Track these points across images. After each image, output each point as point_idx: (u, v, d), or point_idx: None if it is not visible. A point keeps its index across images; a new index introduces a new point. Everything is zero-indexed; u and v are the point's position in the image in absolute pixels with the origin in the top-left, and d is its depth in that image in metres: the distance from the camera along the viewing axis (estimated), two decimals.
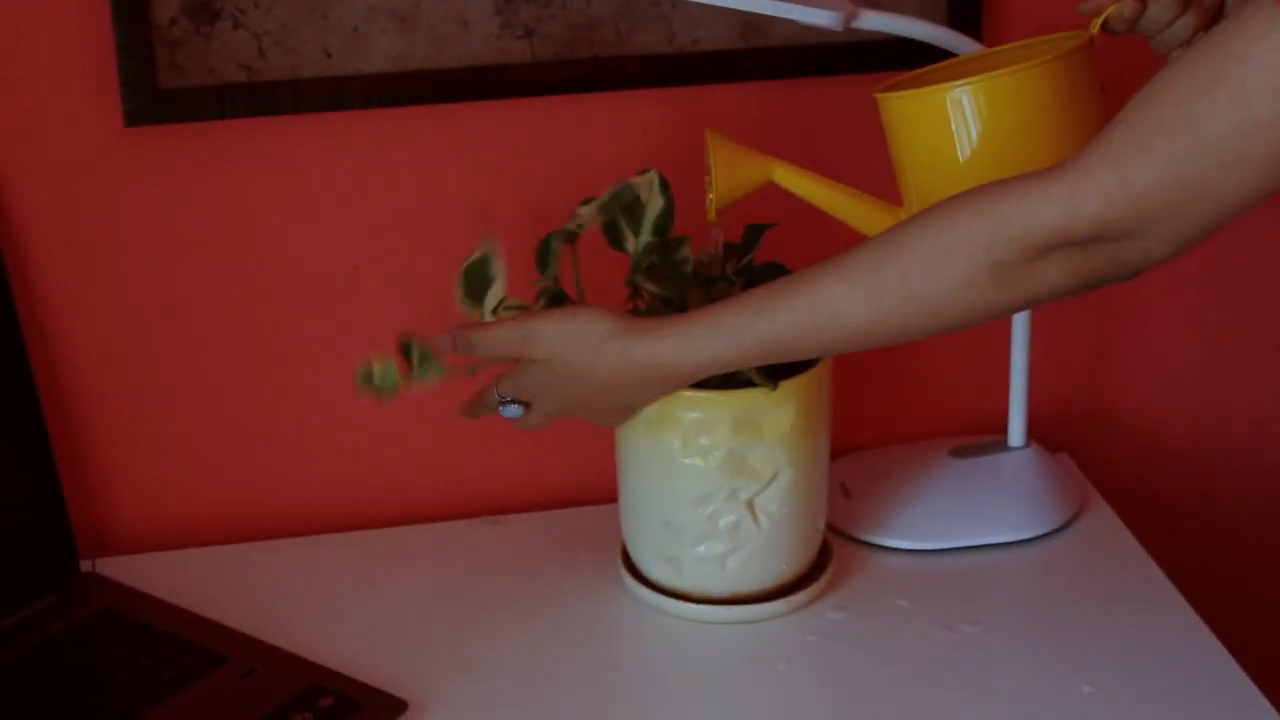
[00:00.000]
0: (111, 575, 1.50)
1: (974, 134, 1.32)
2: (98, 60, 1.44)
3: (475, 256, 1.39)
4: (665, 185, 1.40)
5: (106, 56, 1.44)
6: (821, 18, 1.36)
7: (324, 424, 1.58)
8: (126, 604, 1.45)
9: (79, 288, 1.50)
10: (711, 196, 1.40)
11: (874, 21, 1.39)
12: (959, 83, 1.31)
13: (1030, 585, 1.51)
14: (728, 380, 1.36)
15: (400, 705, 1.33)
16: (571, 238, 1.39)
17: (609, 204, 1.39)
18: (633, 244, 1.40)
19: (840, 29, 1.37)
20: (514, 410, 1.35)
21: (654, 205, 1.40)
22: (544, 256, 1.40)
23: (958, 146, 1.33)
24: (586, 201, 1.41)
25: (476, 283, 1.39)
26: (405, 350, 1.37)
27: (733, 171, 1.39)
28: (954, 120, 1.32)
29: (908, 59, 1.48)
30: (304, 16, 1.45)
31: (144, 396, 1.55)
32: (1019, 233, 1.14)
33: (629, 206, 1.39)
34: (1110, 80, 1.35)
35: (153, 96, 1.44)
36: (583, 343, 1.30)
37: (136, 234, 1.50)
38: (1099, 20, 1.31)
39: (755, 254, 1.43)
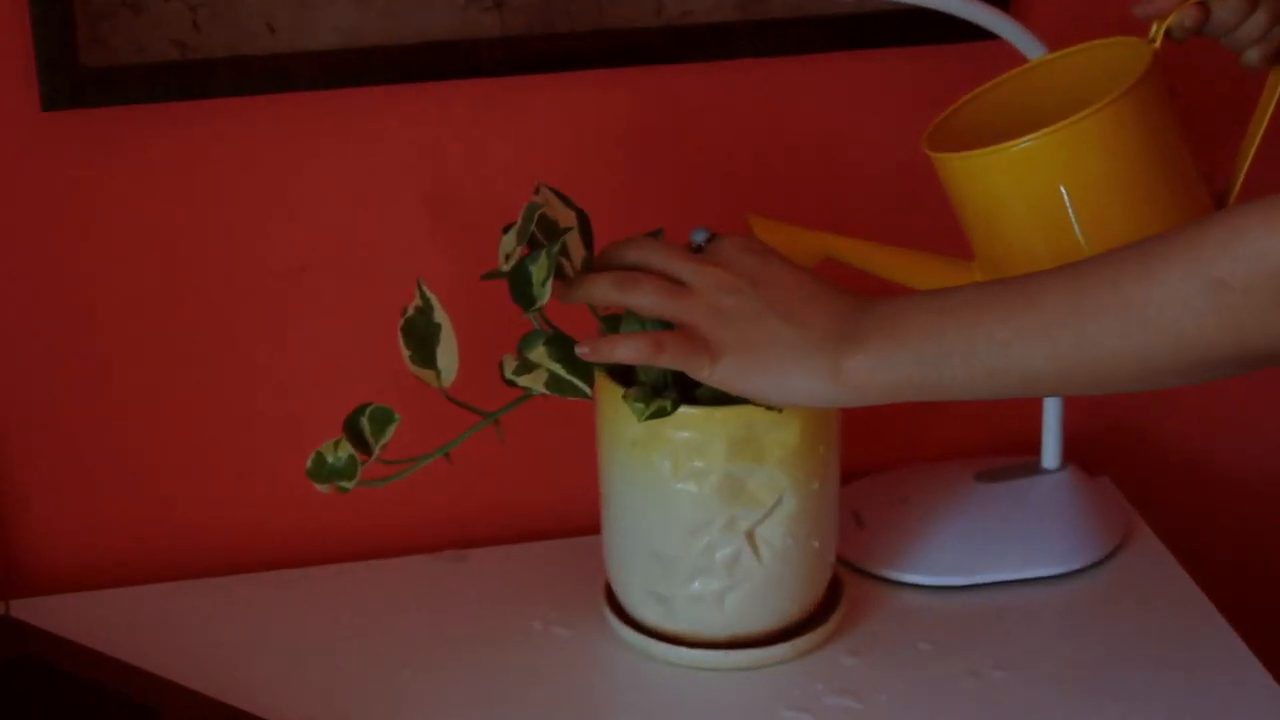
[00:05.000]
0: (27, 618, 1.50)
1: (1047, 187, 1.30)
2: (10, 36, 1.43)
3: (411, 308, 1.37)
4: (565, 198, 1.38)
5: (20, 32, 1.42)
6: None
7: (258, 450, 1.58)
8: (44, 650, 1.45)
9: None
10: None
11: None
12: (1023, 140, 1.29)
13: (1068, 625, 1.50)
14: (724, 396, 1.33)
15: None
16: (555, 267, 1.36)
17: (524, 229, 1.37)
18: (570, 267, 1.38)
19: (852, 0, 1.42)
20: (702, 236, 1.29)
21: (567, 220, 1.38)
22: (527, 292, 1.35)
23: (1027, 204, 1.31)
24: (507, 228, 1.38)
25: (422, 339, 1.37)
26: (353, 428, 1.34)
27: (787, 255, 1.38)
28: (1023, 177, 1.31)
29: (924, 32, 1.53)
30: None
31: (62, 421, 1.56)
32: (1251, 250, 1.05)
33: (548, 229, 1.37)
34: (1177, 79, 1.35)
35: (73, 76, 1.43)
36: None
37: (55, 231, 1.50)
38: (1160, 29, 1.32)
39: None
